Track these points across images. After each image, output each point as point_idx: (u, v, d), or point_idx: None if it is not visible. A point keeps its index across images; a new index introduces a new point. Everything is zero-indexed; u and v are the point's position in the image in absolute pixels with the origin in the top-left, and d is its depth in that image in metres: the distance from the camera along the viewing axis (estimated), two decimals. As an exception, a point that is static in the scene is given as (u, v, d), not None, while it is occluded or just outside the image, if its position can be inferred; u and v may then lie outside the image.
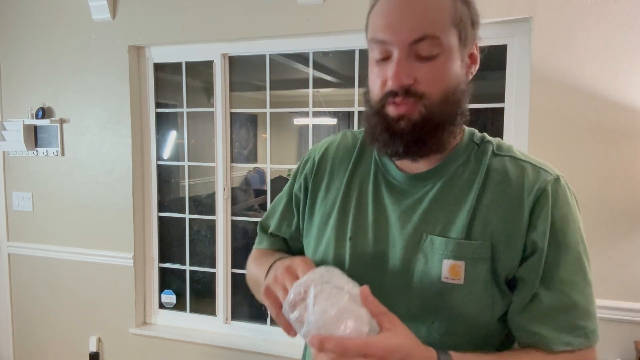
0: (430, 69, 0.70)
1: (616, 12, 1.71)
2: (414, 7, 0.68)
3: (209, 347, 2.44)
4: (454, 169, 0.77)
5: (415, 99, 0.70)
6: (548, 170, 0.77)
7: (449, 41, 0.70)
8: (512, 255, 0.72)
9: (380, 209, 0.80)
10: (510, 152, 0.79)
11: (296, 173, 0.93)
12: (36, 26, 2.59)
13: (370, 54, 0.75)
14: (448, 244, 0.72)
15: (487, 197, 0.74)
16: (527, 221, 0.72)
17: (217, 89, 2.40)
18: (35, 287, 2.76)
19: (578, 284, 0.74)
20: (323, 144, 0.92)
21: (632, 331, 1.77)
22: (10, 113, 2.70)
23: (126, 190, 2.50)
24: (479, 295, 0.71)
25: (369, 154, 0.85)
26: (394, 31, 0.69)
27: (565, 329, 0.71)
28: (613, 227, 1.77)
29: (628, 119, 1.73)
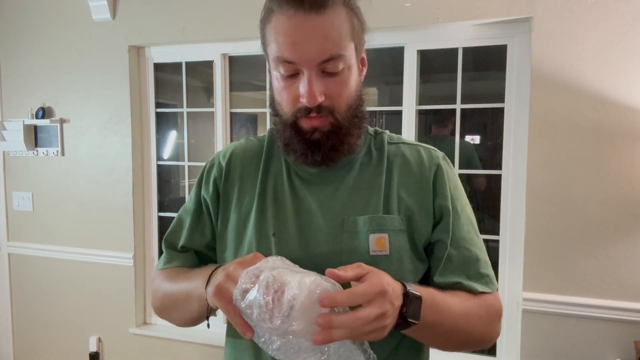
0: (337, 84, 0.76)
1: (616, 12, 1.71)
2: (318, 27, 0.72)
3: (209, 347, 2.44)
4: (360, 158, 0.87)
5: (327, 112, 0.77)
6: (436, 150, 0.90)
7: (350, 55, 0.76)
8: (425, 223, 0.82)
9: (300, 201, 0.84)
10: (401, 139, 0.91)
11: (200, 181, 0.93)
12: (36, 26, 2.59)
13: (275, 70, 0.78)
14: (372, 220, 0.80)
15: (394, 178, 0.84)
16: (432, 192, 0.83)
17: (217, 89, 2.40)
18: (35, 287, 2.76)
19: (474, 240, 0.85)
20: (226, 149, 0.94)
21: (632, 331, 1.77)
22: (10, 113, 2.70)
23: (126, 190, 2.50)
24: (403, 263, 0.80)
25: (278, 154, 0.89)
26: (301, 52, 0.73)
27: (475, 278, 0.82)
28: (613, 227, 1.77)
29: (628, 119, 1.73)
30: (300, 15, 0.72)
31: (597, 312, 1.79)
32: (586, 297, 1.81)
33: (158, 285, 0.91)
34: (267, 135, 0.93)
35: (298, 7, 0.72)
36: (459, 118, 2.06)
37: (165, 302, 0.89)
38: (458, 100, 2.05)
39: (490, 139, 3.39)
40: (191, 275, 0.84)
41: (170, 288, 0.87)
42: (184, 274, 0.87)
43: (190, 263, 0.92)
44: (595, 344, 1.82)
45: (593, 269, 1.80)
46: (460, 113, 2.05)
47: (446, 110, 2.12)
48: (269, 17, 0.76)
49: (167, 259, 0.93)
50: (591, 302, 1.80)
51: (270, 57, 0.77)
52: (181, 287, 0.84)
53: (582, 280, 1.81)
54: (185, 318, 0.86)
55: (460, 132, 2.07)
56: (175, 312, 0.88)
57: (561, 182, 1.81)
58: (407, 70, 2.08)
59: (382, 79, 3.60)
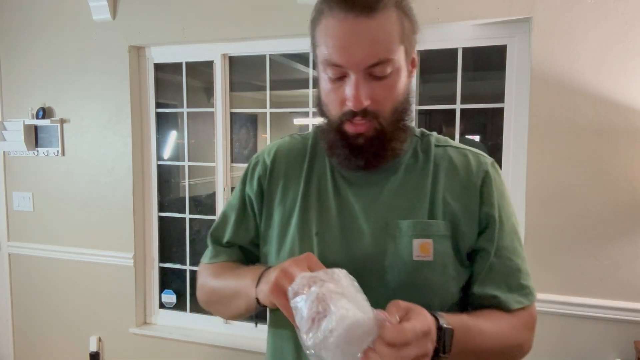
0: (384, 88, 0.75)
1: (616, 12, 1.71)
2: (368, 30, 0.71)
3: (209, 347, 2.44)
4: (405, 161, 0.85)
5: (372, 117, 0.76)
6: (485, 155, 0.87)
7: (399, 58, 0.75)
8: (471, 230, 0.81)
9: (343, 202, 0.84)
10: (449, 142, 0.89)
11: (245, 178, 0.93)
12: (36, 26, 2.59)
13: (323, 72, 0.78)
14: (416, 225, 0.79)
15: (440, 182, 0.82)
16: (478, 198, 0.81)
17: (217, 89, 2.41)
18: (36, 287, 2.76)
19: (517, 250, 0.84)
20: (271, 147, 0.93)
21: (632, 331, 1.77)
22: (10, 113, 2.70)
23: (126, 190, 2.50)
24: (447, 269, 0.79)
25: (322, 154, 0.88)
26: (349, 56, 0.72)
27: (515, 290, 0.81)
28: (613, 227, 1.77)
29: (628, 119, 1.73)
30: (351, 18, 0.71)
31: (597, 312, 1.79)
32: (586, 297, 1.80)
33: (204, 280, 0.93)
34: (311, 134, 0.93)
35: (348, 10, 0.71)
36: (458, 118, 2.06)
37: (212, 297, 0.91)
38: (458, 100, 2.05)
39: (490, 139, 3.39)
40: (239, 274, 0.85)
41: (217, 284, 0.89)
42: (230, 270, 0.89)
43: (236, 258, 0.94)
44: (595, 344, 1.82)
45: (593, 269, 1.79)
46: (460, 113, 2.06)
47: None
48: (319, 19, 0.76)
49: (213, 253, 0.95)
50: (591, 302, 1.80)
51: (319, 59, 0.77)
52: (228, 284, 0.86)
53: (582, 280, 1.81)
54: (232, 313, 0.88)
55: (461, 132, 2.07)
56: (221, 306, 0.90)
57: (561, 182, 1.81)
58: (407, 70, 2.07)
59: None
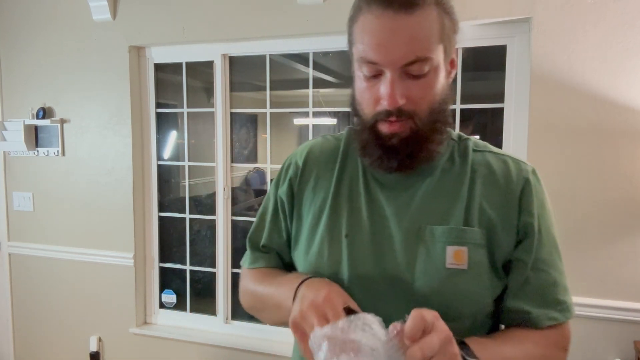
0: (421, 87, 0.73)
1: (616, 12, 1.71)
2: (406, 28, 0.69)
3: (209, 347, 2.44)
4: (441, 164, 0.82)
5: (407, 117, 0.73)
6: (526, 163, 0.84)
7: (437, 57, 0.73)
8: (508, 240, 0.77)
9: (375, 205, 0.82)
10: (488, 148, 0.85)
11: (278, 179, 0.93)
12: (36, 26, 2.60)
13: (358, 70, 0.76)
14: (451, 232, 0.76)
15: (477, 189, 0.79)
16: (517, 207, 0.78)
17: (217, 89, 2.41)
18: (36, 287, 2.76)
19: (556, 262, 0.81)
20: (303, 147, 0.93)
21: (632, 331, 1.77)
22: (10, 113, 2.70)
23: (126, 190, 2.51)
24: (481, 279, 0.76)
25: (354, 155, 0.87)
26: (385, 53, 0.70)
27: (551, 305, 0.78)
28: (612, 227, 1.77)
29: (628, 119, 1.73)
30: (389, 14, 0.69)
31: (597, 312, 1.79)
32: (586, 297, 1.80)
33: (246, 286, 0.94)
34: (344, 134, 0.91)
35: (387, 6, 0.69)
36: (458, 118, 2.06)
37: (256, 304, 0.91)
38: (458, 100, 2.05)
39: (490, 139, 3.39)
40: (279, 283, 0.84)
41: (259, 292, 0.89)
42: (270, 278, 0.88)
43: (274, 264, 0.94)
44: (595, 344, 1.82)
45: (593, 269, 1.79)
46: (460, 113, 2.06)
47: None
48: (357, 16, 0.74)
49: (251, 259, 0.95)
50: (591, 302, 1.80)
51: (355, 56, 0.75)
52: (270, 293, 0.85)
53: (582, 280, 1.81)
54: (275, 321, 0.87)
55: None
56: (265, 313, 0.90)
57: (561, 182, 1.81)
58: (407, 70, 2.07)
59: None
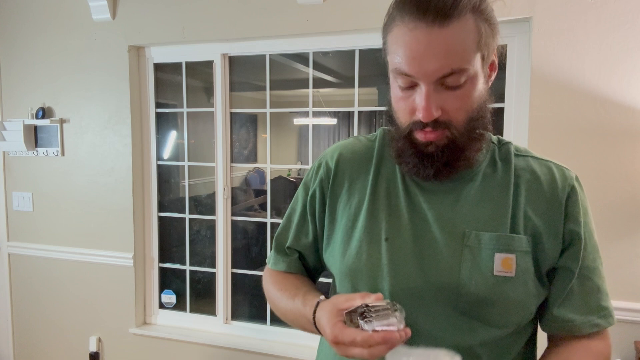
0: (457, 98, 0.72)
1: (616, 12, 1.71)
2: (440, 41, 0.67)
3: (209, 347, 2.44)
4: (482, 169, 0.81)
5: (443, 127, 0.72)
6: (569, 169, 0.84)
7: (474, 67, 0.71)
8: (554, 247, 0.77)
9: (416, 209, 0.80)
10: (529, 152, 0.84)
11: (307, 181, 0.92)
12: (36, 26, 2.59)
13: (393, 81, 0.75)
14: (499, 239, 0.75)
15: (522, 194, 0.78)
16: (563, 214, 0.78)
17: (217, 89, 2.40)
18: (35, 287, 2.76)
19: (598, 269, 0.80)
20: (334, 149, 0.91)
21: (632, 331, 1.77)
22: (10, 113, 2.70)
23: (126, 190, 2.50)
24: (527, 287, 0.76)
25: (389, 158, 0.85)
26: (420, 66, 0.69)
27: (593, 312, 0.78)
28: (613, 227, 1.77)
29: (628, 119, 1.73)
30: (422, 27, 0.67)
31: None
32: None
33: (267, 287, 0.95)
34: (377, 135, 0.89)
35: (420, 19, 0.67)
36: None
37: (277, 310, 0.92)
38: (458, 100, 2.05)
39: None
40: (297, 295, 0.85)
41: (279, 299, 0.89)
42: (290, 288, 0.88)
43: (294, 268, 0.94)
44: (595, 344, 1.81)
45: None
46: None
47: None
48: (391, 26, 0.73)
49: (273, 260, 0.96)
50: (591, 302, 1.80)
51: (390, 67, 0.74)
52: (290, 305, 0.86)
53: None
54: (298, 327, 0.88)
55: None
56: (287, 319, 0.90)
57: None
58: (407, 70, 2.08)
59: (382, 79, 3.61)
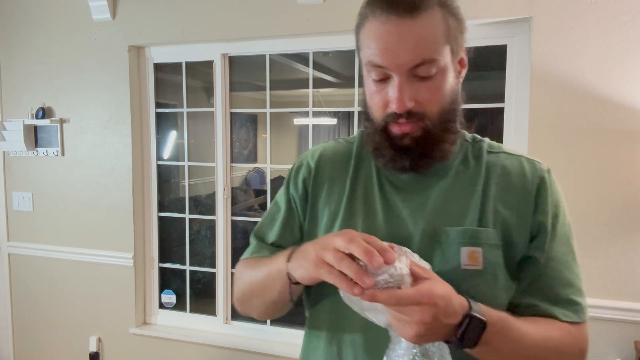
0: (429, 89, 0.74)
1: (616, 12, 1.71)
2: (411, 32, 0.71)
3: (209, 347, 2.44)
4: (455, 166, 0.83)
5: (417, 118, 0.75)
6: (540, 162, 0.85)
7: (444, 59, 0.74)
8: (522, 239, 0.78)
9: (391, 208, 0.82)
10: (502, 149, 0.86)
11: (289, 181, 0.93)
12: (36, 26, 2.59)
13: (367, 74, 0.77)
14: (465, 233, 0.76)
15: (492, 189, 0.80)
16: (533, 205, 0.79)
17: (217, 89, 2.40)
18: (35, 287, 2.76)
19: (569, 263, 0.81)
20: (315, 150, 0.93)
21: (632, 331, 1.77)
22: (10, 113, 2.70)
23: (126, 190, 2.50)
24: (497, 280, 0.76)
25: (368, 158, 0.87)
26: (392, 57, 0.72)
27: (563, 304, 0.78)
28: (613, 227, 1.77)
29: (628, 119, 1.73)
30: (393, 20, 0.71)
31: (597, 312, 1.79)
32: (586, 297, 1.80)
33: (240, 274, 0.92)
34: (356, 137, 0.92)
35: (391, 12, 0.71)
36: (459, 118, 2.05)
37: (247, 289, 0.89)
38: (458, 100, 2.05)
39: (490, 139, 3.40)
40: (272, 258, 0.83)
41: (252, 274, 0.88)
42: (265, 259, 0.87)
43: None
44: (595, 344, 1.81)
45: (593, 269, 1.79)
46: (460, 113, 2.05)
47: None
48: (363, 23, 0.76)
49: (255, 249, 0.94)
50: (591, 302, 1.78)
51: (363, 61, 0.77)
52: (262, 271, 0.84)
53: (582, 280, 1.80)
54: (267, 302, 0.85)
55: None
56: (255, 298, 0.87)
57: (561, 182, 1.80)
58: (407, 70, 2.08)
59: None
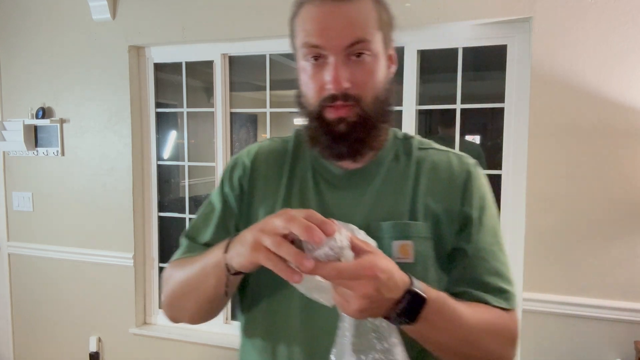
0: (363, 72, 0.76)
1: (616, 12, 1.71)
2: (345, 13, 0.74)
3: (209, 347, 2.43)
4: (387, 163, 0.85)
5: (353, 102, 0.76)
6: (467, 156, 0.87)
7: (377, 44, 0.77)
8: (451, 230, 0.80)
9: (325, 205, 0.83)
10: (431, 145, 0.89)
11: (224, 180, 0.91)
12: (36, 26, 2.59)
13: (301, 60, 0.79)
14: (395, 227, 0.78)
15: (422, 184, 0.82)
16: (460, 199, 0.82)
17: (217, 89, 2.40)
18: (35, 287, 2.76)
19: (496, 253, 0.82)
20: (250, 148, 0.92)
21: (632, 331, 1.77)
22: (10, 113, 2.70)
23: (126, 190, 2.50)
24: (428, 272, 0.78)
25: (304, 157, 0.88)
26: (328, 36, 0.74)
27: (492, 291, 0.79)
28: (613, 227, 1.77)
29: (628, 119, 1.73)
30: (328, 2, 0.74)
31: (597, 312, 1.79)
32: (586, 297, 1.80)
33: (170, 275, 0.86)
34: (292, 136, 0.92)
35: None
36: (459, 118, 2.06)
37: (178, 290, 0.83)
38: (458, 100, 2.05)
39: (490, 139, 3.39)
40: (206, 253, 0.79)
41: (184, 273, 0.82)
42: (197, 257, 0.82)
43: None
44: (595, 344, 1.82)
45: (593, 269, 1.79)
46: (461, 113, 2.06)
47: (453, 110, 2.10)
48: (298, 11, 0.78)
49: (187, 249, 0.89)
50: (591, 302, 1.80)
51: (298, 46, 0.78)
52: (195, 267, 0.80)
53: (582, 280, 1.81)
54: (200, 301, 0.81)
55: (461, 132, 2.08)
56: (188, 298, 0.82)
57: (561, 182, 1.81)
58: (407, 70, 2.08)
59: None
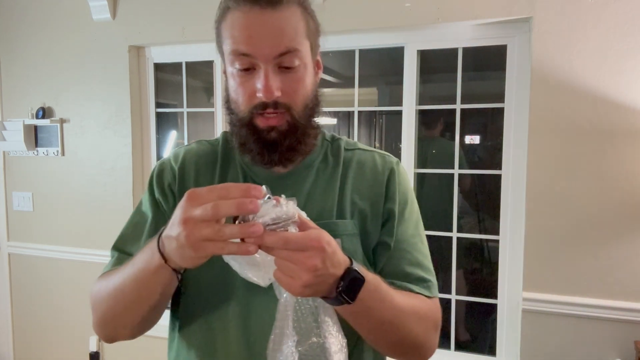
0: (293, 80, 0.76)
1: (616, 12, 1.71)
2: (275, 22, 0.73)
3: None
4: (316, 165, 0.87)
5: (283, 110, 0.76)
6: (390, 155, 0.91)
7: (305, 53, 0.77)
8: (376, 226, 0.84)
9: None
10: (357, 146, 0.92)
11: (152, 186, 0.87)
12: (36, 26, 2.59)
13: (229, 66, 0.78)
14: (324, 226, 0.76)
15: (349, 183, 0.85)
16: (384, 195, 0.85)
17: (217, 89, 2.40)
18: (35, 287, 2.76)
19: (417, 245, 0.86)
20: (177, 153, 0.90)
21: (632, 331, 1.77)
22: (10, 113, 2.70)
23: (126, 190, 2.50)
24: None
25: (233, 160, 0.87)
26: (258, 45, 0.73)
27: (414, 281, 0.82)
28: (613, 227, 1.77)
29: (628, 119, 1.73)
30: (257, 10, 0.73)
31: (597, 312, 1.79)
32: (586, 297, 1.80)
33: (98, 291, 0.78)
34: (220, 139, 0.90)
35: (254, 3, 0.73)
36: (459, 118, 2.06)
37: (114, 306, 0.76)
38: (458, 100, 2.05)
39: (490, 139, 3.39)
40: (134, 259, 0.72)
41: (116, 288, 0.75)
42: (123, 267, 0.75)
43: None
44: (595, 344, 1.82)
45: (593, 269, 1.79)
46: (460, 113, 2.06)
47: (435, 112, 2.10)
48: (225, 15, 0.77)
49: (117, 261, 0.82)
50: (591, 302, 1.80)
51: (226, 53, 0.77)
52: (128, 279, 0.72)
53: (582, 280, 1.81)
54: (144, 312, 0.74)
55: (460, 133, 2.08)
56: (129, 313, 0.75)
57: (561, 182, 1.81)
58: (407, 70, 2.08)
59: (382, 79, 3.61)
